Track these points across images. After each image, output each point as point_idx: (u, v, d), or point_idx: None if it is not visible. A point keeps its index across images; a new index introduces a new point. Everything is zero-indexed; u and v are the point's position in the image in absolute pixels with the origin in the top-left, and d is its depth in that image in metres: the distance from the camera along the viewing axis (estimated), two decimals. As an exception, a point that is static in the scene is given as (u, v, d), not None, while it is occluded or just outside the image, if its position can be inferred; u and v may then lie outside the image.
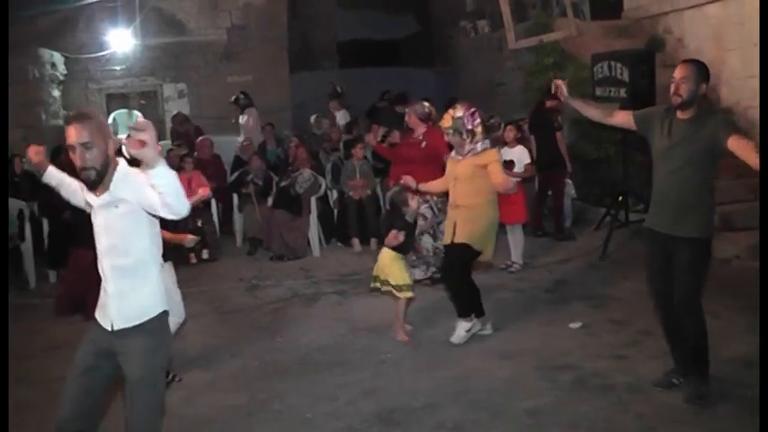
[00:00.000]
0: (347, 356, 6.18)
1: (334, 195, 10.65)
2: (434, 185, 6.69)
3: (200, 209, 9.83)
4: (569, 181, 10.01)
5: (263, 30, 16.71)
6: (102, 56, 15.75)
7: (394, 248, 6.48)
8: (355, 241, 10.00)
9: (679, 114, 4.78)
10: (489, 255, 6.41)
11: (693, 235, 4.77)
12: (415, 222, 6.77)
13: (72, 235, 7.69)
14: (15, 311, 7.76)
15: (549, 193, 9.79)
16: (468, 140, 6.16)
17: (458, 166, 6.28)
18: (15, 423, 5.11)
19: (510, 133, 8.80)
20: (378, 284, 6.60)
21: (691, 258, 4.79)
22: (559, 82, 5.55)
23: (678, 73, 4.74)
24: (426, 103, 8.19)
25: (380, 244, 6.85)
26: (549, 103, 9.49)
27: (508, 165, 8.28)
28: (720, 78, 10.20)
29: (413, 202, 6.53)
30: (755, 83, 9.37)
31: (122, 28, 15.17)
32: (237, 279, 8.82)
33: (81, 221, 6.53)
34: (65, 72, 15.55)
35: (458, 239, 6.17)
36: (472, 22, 15.58)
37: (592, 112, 5.47)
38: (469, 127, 6.13)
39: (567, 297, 7.44)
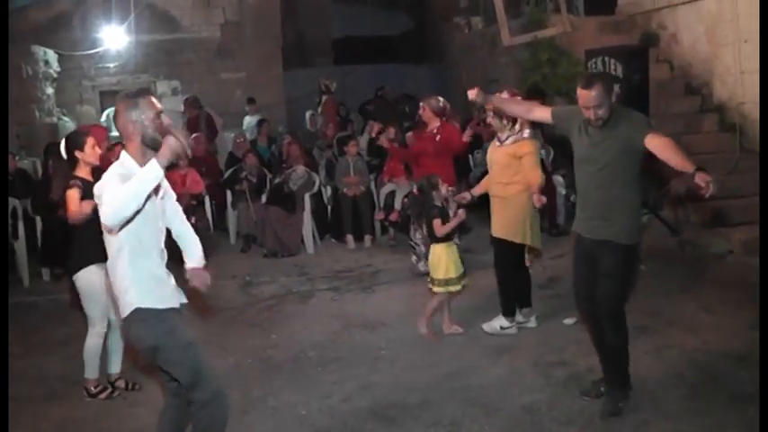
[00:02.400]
0: (342, 353, 6.18)
1: (328, 192, 10.64)
2: (483, 187, 6.58)
3: (193, 206, 9.85)
4: (560, 178, 9.98)
5: (257, 26, 16.67)
6: (96, 53, 15.70)
7: (441, 239, 6.35)
8: (349, 238, 10.00)
9: None
10: (533, 242, 6.30)
11: (616, 240, 4.64)
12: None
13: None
14: (10, 310, 7.74)
15: None
16: (507, 126, 6.12)
17: (495, 153, 6.28)
18: (11, 421, 5.11)
19: None
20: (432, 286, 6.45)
21: (613, 264, 4.66)
22: (473, 91, 5.31)
23: (588, 102, 4.51)
24: (441, 99, 8.19)
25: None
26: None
27: None
28: (713, 74, 10.22)
29: (443, 187, 6.48)
30: (748, 78, 9.38)
31: (116, 25, 15.11)
32: (231, 276, 8.80)
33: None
34: (58, 69, 15.53)
35: (494, 233, 6.25)
36: (466, 19, 15.55)
37: (512, 107, 5.49)
38: None
39: (561, 293, 7.43)
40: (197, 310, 4.05)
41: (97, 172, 5.44)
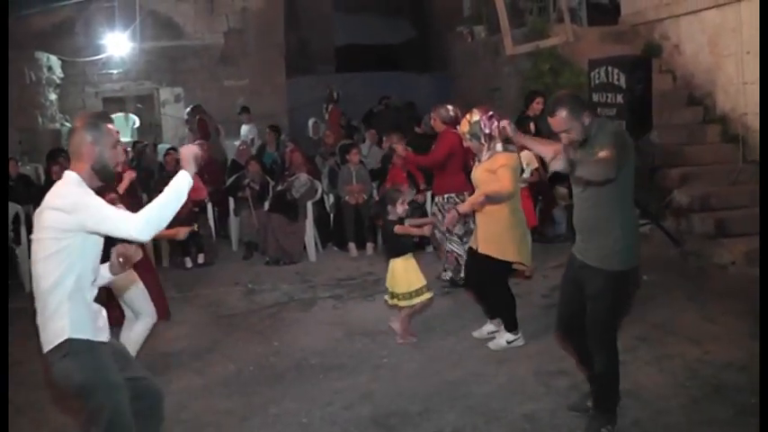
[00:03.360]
0: (343, 361, 6.18)
1: (330, 200, 10.64)
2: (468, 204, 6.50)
3: (196, 213, 9.85)
4: (564, 190, 9.92)
5: (261, 34, 16.73)
6: (99, 59, 15.76)
7: (397, 253, 6.43)
8: (351, 246, 9.99)
9: None
10: (519, 257, 6.16)
11: (600, 266, 4.48)
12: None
13: None
14: (10, 315, 7.74)
15: (539, 197, 9.77)
16: (486, 145, 6.09)
17: (476, 172, 6.25)
18: (11, 427, 5.10)
19: None
20: (390, 299, 6.55)
21: (598, 290, 4.50)
22: (505, 122, 5.20)
23: (556, 127, 4.44)
24: (450, 107, 8.16)
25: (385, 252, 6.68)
26: (528, 112, 9.51)
27: None
28: (716, 85, 10.22)
29: (401, 206, 6.48)
30: (750, 89, 9.38)
31: (119, 31, 15.19)
32: (233, 283, 8.81)
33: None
34: (62, 75, 15.57)
35: (480, 250, 6.14)
36: (469, 28, 15.57)
37: (541, 148, 5.08)
38: (487, 131, 6.02)
39: (563, 302, 7.43)
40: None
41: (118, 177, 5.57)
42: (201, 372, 6.08)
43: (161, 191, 3.48)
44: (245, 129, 14.44)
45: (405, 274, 6.38)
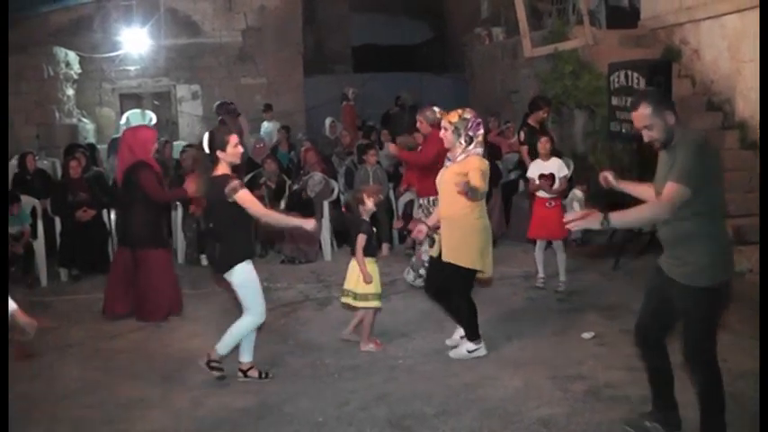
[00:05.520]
0: (358, 361, 6.17)
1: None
2: (437, 216, 6.34)
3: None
4: (579, 192, 9.80)
5: (279, 32, 16.79)
6: (117, 56, 15.85)
7: (366, 253, 6.40)
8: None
9: None
10: (482, 267, 6.02)
11: (687, 282, 4.25)
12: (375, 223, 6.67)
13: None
14: (26, 310, 7.74)
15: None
16: (463, 145, 5.94)
17: (445, 174, 6.10)
18: (24, 420, 5.13)
19: (545, 145, 8.17)
20: (349, 299, 6.53)
21: (687, 308, 4.31)
22: (607, 174, 4.83)
23: (638, 122, 4.29)
24: (436, 109, 8.10)
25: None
26: (530, 120, 9.46)
27: (546, 179, 7.97)
28: (736, 90, 10.15)
29: (369, 201, 6.45)
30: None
31: (137, 28, 15.26)
32: (248, 281, 8.79)
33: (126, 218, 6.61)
34: (79, 71, 15.65)
35: (444, 257, 5.98)
36: (487, 30, 15.56)
37: (643, 192, 4.71)
38: (470, 133, 5.92)
39: (579, 307, 7.40)
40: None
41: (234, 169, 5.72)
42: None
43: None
44: (266, 125, 14.47)
45: (355, 274, 6.42)
